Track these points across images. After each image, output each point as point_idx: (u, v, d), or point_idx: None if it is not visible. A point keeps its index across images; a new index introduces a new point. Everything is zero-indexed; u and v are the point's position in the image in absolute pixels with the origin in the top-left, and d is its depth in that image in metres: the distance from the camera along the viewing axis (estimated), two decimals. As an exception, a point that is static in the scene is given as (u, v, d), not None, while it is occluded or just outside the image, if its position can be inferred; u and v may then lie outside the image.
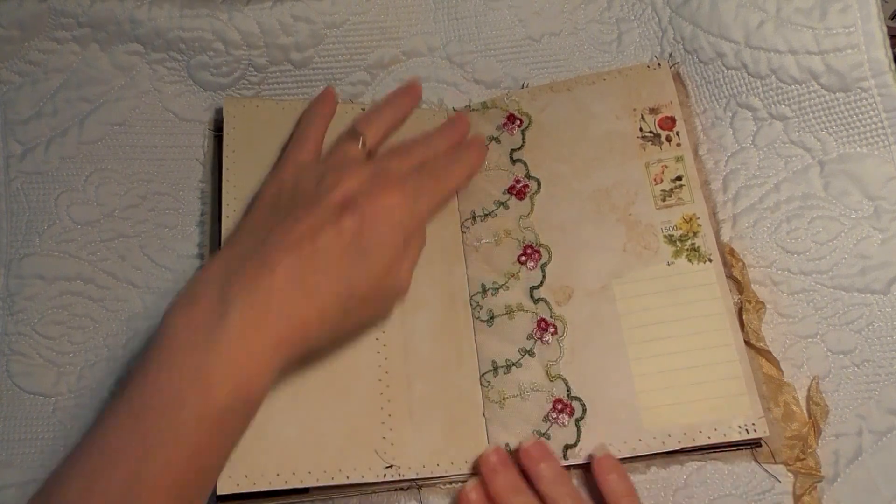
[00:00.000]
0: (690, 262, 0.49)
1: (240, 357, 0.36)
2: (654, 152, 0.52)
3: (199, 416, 0.35)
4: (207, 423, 0.35)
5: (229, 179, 0.51)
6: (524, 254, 0.51)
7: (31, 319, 0.51)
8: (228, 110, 0.53)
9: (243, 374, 0.36)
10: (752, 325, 0.48)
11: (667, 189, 0.51)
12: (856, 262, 0.48)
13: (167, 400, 0.35)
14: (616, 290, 0.49)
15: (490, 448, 0.46)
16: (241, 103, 0.54)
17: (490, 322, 0.50)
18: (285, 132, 0.52)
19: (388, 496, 0.47)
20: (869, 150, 0.48)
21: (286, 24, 0.54)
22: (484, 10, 0.57)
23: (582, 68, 0.56)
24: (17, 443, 0.49)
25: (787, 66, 0.48)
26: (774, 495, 0.46)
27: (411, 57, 0.57)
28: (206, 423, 0.35)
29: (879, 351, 0.47)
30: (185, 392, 0.35)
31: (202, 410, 0.35)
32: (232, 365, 0.36)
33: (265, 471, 0.44)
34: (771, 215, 0.50)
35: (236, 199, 0.50)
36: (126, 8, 0.53)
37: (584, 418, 0.47)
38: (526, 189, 0.53)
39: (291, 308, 0.38)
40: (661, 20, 0.55)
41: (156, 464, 0.34)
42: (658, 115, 0.53)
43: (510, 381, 0.49)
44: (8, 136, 0.53)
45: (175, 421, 0.35)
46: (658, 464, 0.47)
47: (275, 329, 0.37)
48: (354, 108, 0.55)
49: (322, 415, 0.46)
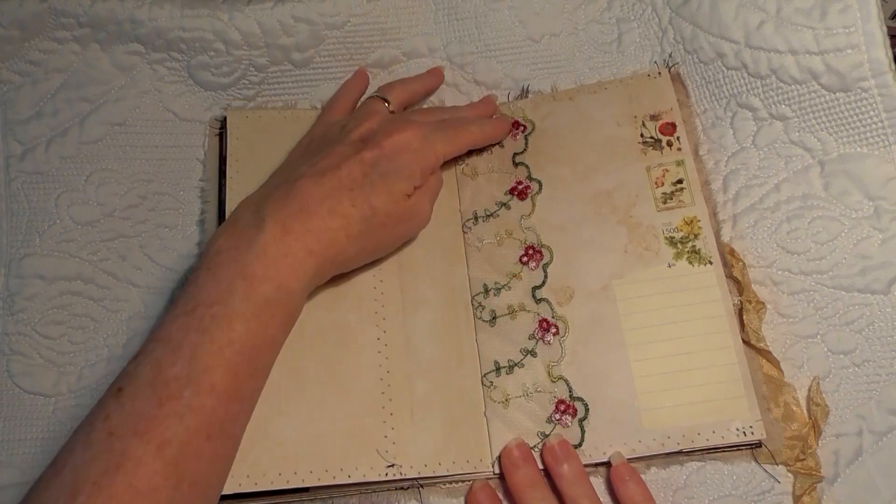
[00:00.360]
0: (691, 264, 0.49)
1: (277, 258, 0.42)
2: (655, 157, 0.52)
3: (246, 304, 0.40)
4: (254, 309, 0.40)
5: (232, 188, 0.52)
6: (526, 254, 0.51)
7: (32, 319, 0.51)
8: (232, 122, 0.54)
9: (282, 271, 0.42)
10: (753, 325, 0.48)
11: (668, 192, 0.51)
12: (856, 262, 0.48)
13: (216, 296, 0.40)
14: (617, 290, 0.50)
15: (513, 441, 0.47)
16: (244, 115, 0.54)
17: (492, 322, 0.50)
18: (288, 142, 0.53)
19: (388, 496, 0.47)
20: (869, 150, 0.48)
21: (287, 25, 0.54)
22: (484, 11, 0.57)
23: (582, 69, 0.56)
24: (17, 443, 0.49)
25: (787, 66, 0.48)
26: (774, 496, 0.46)
27: (412, 58, 0.57)
28: (252, 309, 0.40)
29: (880, 351, 0.47)
30: (233, 286, 0.40)
31: (248, 300, 0.40)
32: (271, 264, 0.41)
33: (267, 470, 0.44)
34: (771, 215, 0.50)
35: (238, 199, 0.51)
36: (126, 8, 0.53)
37: (587, 418, 0.47)
38: (527, 190, 0.53)
39: (319, 222, 0.43)
40: (661, 20, 0.55)
41: (211, 346, 0.39)
42: (659, 121, 0.53)
43: (513, 382, 0.49)
44: (8, 136, 0.53)
45: (225, 309, 0.40)
46: (658, 464, 0.47)
47: (305, 239, 0.43)
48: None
49: (323, 414, 0.46)
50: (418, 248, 0.52)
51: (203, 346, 0.39)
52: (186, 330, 0.39)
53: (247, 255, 0.41)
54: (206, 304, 0.40)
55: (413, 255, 0.52)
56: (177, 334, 0.39)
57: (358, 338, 0.49)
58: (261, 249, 0.41)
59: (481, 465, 0.47)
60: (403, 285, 0.51)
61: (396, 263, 0.51)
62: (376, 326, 0.49)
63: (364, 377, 0.48)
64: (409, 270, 0.51)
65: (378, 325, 0.49)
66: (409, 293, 0.50)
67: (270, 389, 0.46)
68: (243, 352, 0.40)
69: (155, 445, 0.36)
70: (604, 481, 0.47)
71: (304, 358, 0.47)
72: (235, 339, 0.40)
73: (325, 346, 0.48)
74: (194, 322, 0.39)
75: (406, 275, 0.51)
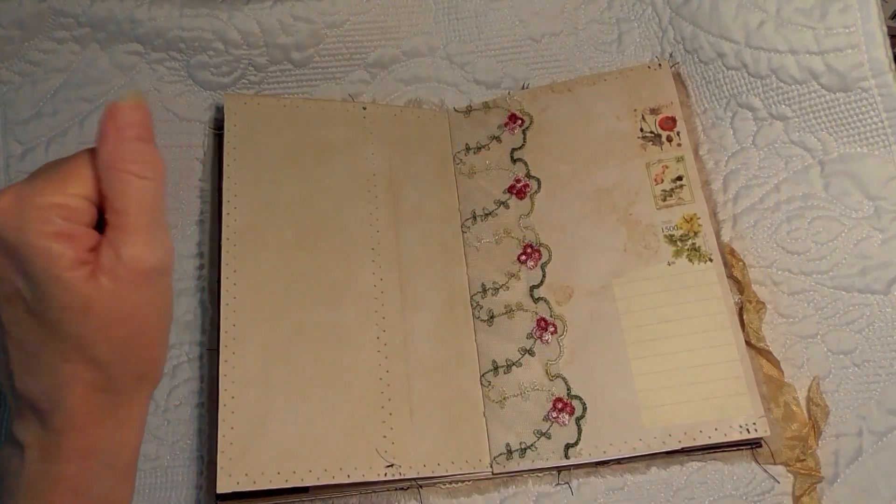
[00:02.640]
0: (691, 261, 0.49)
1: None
2: (655, 152, 0.52)
3: None
4: None
5: (230, 176, 0.51)
6: (524, 253, 0.51)
7: (31, 319, 0.51)
8: (229, 106, 0.53)
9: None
10: (753, 325, 0.48)
11: (667, 189, 0.51)
12: (856, 262, 0.48)
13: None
14: (616, 289, 0.50)
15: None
16: (242, 100, 0.54)
17: (490, 321, 0.50)
18: (286, 129, 0.53)
19: (387, 496, 0.47)
20: (869, 150, 0.48)
21: (286, 24, 0.54)
22: (484, 11, 0.57)
23: (582, 68, 0.56)
24: (16, 442, 0.49)
25: (787, 65, 0.48)
26: (774, 496, 0.46)
27: (411, 57, 0.57)
28: None
29: (880, 351, 0.47)
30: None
31: None
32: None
33: (265, 469, 0.44)
34: (771, 215, 0.50)
35: (237, 197, 0.50)
36: (126, 8, 0.53)
37: (585, 417, 0.47)
38: (526, 188, 0.53)
39: None
40: (661, 20, 0.55)
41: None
42: (658, 115, 0.53)
43: (510, 381, 0.49)
44: (8, 136, 0.53)
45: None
46: (658, 464, 0.47)
47: None
48: (355, 107, 0.55)
49: (323, 413, 0.46)
50: (418, 248, 0.52)
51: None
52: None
53: None
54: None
55: (412, 254, 0.52)
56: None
57: (357, 338, 0.48)
58: None
59: (480, 464, 0.47)
60: (402, 285, 0.51)
61: (396, 263, 0.51)
62: (375, 326, 0.49)
63: (363, 377, 0.48)
64: (408, 270, 0.51)
65: (377, 325, 0.49)
66: (409, 293, 0.50)
67: (269, 389, 0.47)
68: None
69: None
70: (603, 481, 0.47)
71: (304, 357, 0.47)
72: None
73: (324, 345, 0.48)
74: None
75: (405, 275, 0.51)
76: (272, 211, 0.51)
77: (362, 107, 0.55)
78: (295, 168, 0.52)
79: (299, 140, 0.53)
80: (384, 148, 0.54)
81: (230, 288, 0.48)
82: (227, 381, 0.46)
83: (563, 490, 0.47)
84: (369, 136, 0.54)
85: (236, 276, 0.49)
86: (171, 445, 0.49)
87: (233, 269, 0.49)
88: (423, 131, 0.55)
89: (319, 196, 0.52)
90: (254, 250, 0.49)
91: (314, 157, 0.53)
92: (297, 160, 0.53)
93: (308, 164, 0.53)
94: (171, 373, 0.50)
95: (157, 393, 0.50)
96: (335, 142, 0.54)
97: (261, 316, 0.48)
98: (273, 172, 0.52)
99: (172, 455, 0.49)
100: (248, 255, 0.49)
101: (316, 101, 0.55)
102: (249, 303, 0.48)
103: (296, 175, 0.52)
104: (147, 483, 0.48)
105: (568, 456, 0.47)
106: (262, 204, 0.51)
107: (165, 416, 0.49)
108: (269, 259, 0.49)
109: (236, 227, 0.50)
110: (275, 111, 0.54)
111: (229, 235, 0.50)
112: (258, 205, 0.51)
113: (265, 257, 0.49)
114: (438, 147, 0.55)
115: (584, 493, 0.47)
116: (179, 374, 0.50)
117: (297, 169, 0.52)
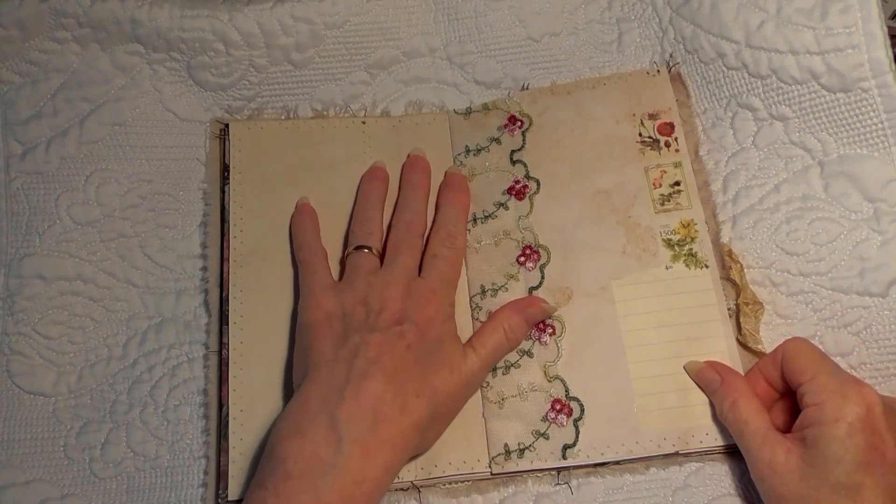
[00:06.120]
0: (688, 267, 0.49)
1: (353, 486, 0.40)
2: (653, 157, 0.52)
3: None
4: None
5: (236, 201, 0.53)
6: (523, 254, 0.51)
7: (31, 319, 0.51)
8: (234, 133, 0.54)
9: (357, 500, 0.40)
10: (749, 327, 0.48)
11: (665, 193, 0.51)
12: (855, 264, 0.48)
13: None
14: (615, 291, 0.50)
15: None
16: (247, 126, 0.55)
17: (489, 323, 0.50)
18: (289, 151, 0.54)
19: (387, 496, 0.47)
20: (869, 151, 0.48)
21: (286, 25, 0.54)
22: (484, 11, 0.56)
23: (582, 69, 0.56)
24: (17, 443, 0.49)
25: (787, 66, 0.48)
26: (774, 496, 0.46)
27: (412, 57, 0.57)
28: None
29: (877, 353, 0.47)
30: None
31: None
32: (348, 495, 0.40)
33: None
34: (771, 216, 0.50)
35: (243, 220, 0.52)
36: (126, 8, 0.53)
37: (583, 419, 0.47)
38: (525, 189, 0.53)
39: (394, 427, 0.42)
40: (661, 20, 0.55)
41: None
42: (657, 120, 0.53)
43: (509, 382, 0.49)
44: (8, 136, 0.53)
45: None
46: (657, 464, 0.47)
47: (384, 454, 0.41)
48: (355, 122, 0.55)
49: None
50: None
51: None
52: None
53: (321, 483, 0.39)
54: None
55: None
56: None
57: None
58: (337, 477, 0.39)
59: (479, 465, 0.47)
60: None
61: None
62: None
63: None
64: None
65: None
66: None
67: (275, 401, 0.48)
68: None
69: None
70: (603, 481, 0.47)
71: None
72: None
73: None
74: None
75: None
76: (277, 232, 0.52)
77: (361, 121, 0.55)
78: (298, 188, 0.53)
79: (301, 161, 0.54)
80: (384, 160, 0.54)
81: (237, 307, 0.50)
82: (237, 395, 0.48)
83: (563, 490, 0.47)
84: (369, 150, 0.55)
85: (243, 296, 0.50)
86: (171, 445, 0.49)
87: (239, 289, 0.50)
88: (423, 137, 0.55)
89: (322, 213, 0.53)
90: (259, 270, 0.51)
91: (316, 176, 0.54)
92: (300, 180, 0.54)
93: (310, 182, 0.54)
94: (171, 373, 0.50)
95: (157, 393, 0.50)
96: (336, 159, 0.54)
97: (267, 333, 0.50)
98: (277, 193, 0.53)
99: (172, 455, 0.49)
100: (254, 274, 0.51)
101: (316, 121, 0.56)
102: (256, 321, 0.50)
103: (299, 195, 0.53)
104: (147, 483, 0.48)
105: (566, 457, 0.47)
106: (267, 226, 0.52)
107: (165, 416, 0.49)
108: (275, 278, 0.51)
109: (242, 250, 0.52)
110: (277, 133, 0.55)
111: (236, 258, 0.51)
112: (263, 227, 0.52)
113: (270, 276, 0.51)
114: (438, 150, 0.55)
115: (583, 493, 0.47)
116: (179, 374, 0.50)
117: (301, 188, 0.53)
